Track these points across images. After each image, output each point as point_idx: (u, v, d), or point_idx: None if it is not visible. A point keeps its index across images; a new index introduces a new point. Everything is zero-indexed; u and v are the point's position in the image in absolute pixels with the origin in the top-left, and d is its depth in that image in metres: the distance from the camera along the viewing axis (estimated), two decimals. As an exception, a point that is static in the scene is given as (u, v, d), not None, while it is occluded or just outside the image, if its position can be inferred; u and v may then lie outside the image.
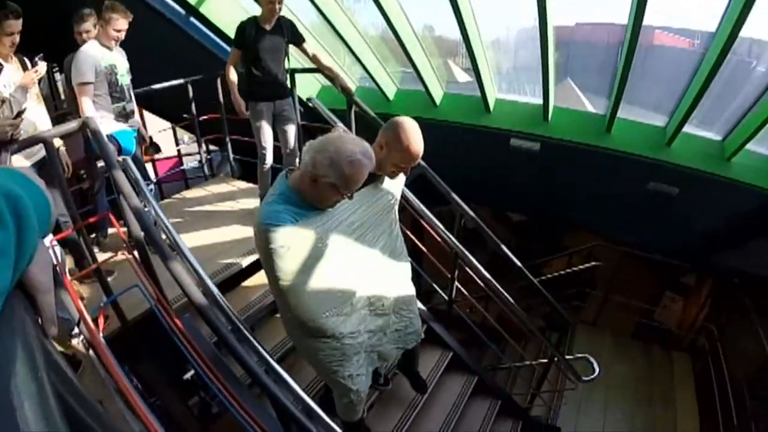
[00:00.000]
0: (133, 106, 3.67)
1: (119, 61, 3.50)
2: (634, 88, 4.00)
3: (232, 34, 3.91)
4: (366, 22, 4.67)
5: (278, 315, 3.51)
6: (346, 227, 2.00)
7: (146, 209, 2.46)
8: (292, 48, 3.88)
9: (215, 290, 2.34)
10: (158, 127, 5.81)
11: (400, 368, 3.13)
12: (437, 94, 5.05)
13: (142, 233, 2.32)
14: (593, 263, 5.92)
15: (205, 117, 4.78)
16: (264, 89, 3.77)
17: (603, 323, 6.76)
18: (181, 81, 4.42)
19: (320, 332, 2.00)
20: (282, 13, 3.68)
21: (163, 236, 2.47)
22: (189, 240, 3.62)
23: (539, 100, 4.50)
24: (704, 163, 4.26)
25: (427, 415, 3.81)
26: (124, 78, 3.54)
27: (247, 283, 3.63)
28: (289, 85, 3.98)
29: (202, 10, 4.79)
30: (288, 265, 1.81)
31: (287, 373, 2.15)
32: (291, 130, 4.01)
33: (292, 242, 1.79)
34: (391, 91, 5.29)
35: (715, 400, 5.38)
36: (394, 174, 2.17)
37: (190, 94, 4.52)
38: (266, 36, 3.66)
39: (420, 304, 4.29)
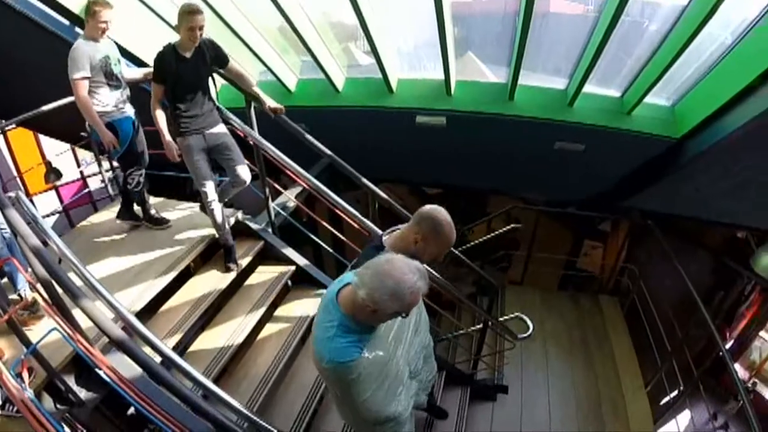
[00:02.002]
0: (128, 92, 3.95)
1: (110, 51, 3.69)
2: (533, 55, 4.27)
3: (118, 41, 3.84)
4: (260, 15, 4.63)
5: (209, 330, 3.64)
6: (398, 326, 2.17)
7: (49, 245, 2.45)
8: None
9: (135, 322, 2.35)
10: (56, 150, 5.52)
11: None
12: (339, 81, 5.15)
13: (47, 273, 2.27)
14: (512, 225, 6.34)
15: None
16: (191, 122, 3.60)
17: (530, 281, 7.27)
18: (72, 98, 4.25)
19: (387, 420, 2.16)
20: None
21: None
22: (102, 268, 3.66)
23: (442, 76, 4.70)
24: (606, 118, 4.69)
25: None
26: (117, 67, 3.75)
27: (171, 302, 3.64)
28: (216, 112, 3.84)
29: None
30: (364, 386, 1.97)
31: (228, 387, 2.27)
32: (236, 159, 3.87)
33: (363, 369, 1.92)
34: (292, 83, 5.33)
35: (647, 333, 6.03)
36: (430, 263, 2.34)
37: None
38: (188, 64, 3.49)
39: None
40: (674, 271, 5.58)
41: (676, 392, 6.04)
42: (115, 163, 4.72)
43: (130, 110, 3.94)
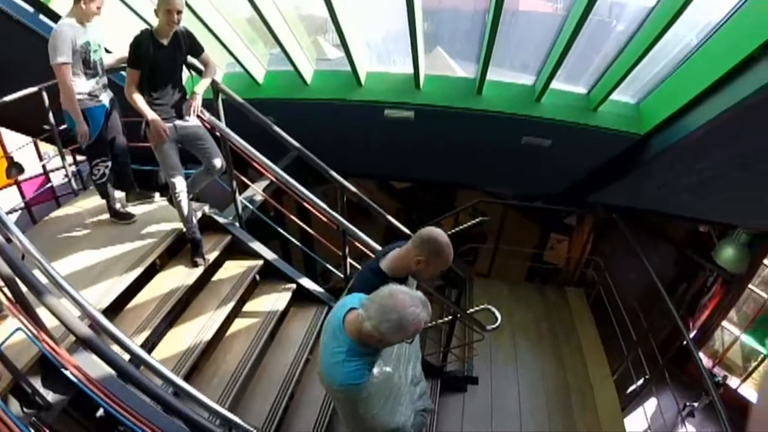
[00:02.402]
0: (105, 80, 3.90)
1: (94, 36, 3.63)
2: (502, 52, 4.37)
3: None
4: (230, 5, 4.60)
5: (177, 326, 3.62)
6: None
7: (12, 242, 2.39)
8: None
9: (102, 319, 2.34)
10: (17, 144, 5.34)
11: None
12: (307, 73, 5.15)
13: (11, 270, 2.22)
14: (480, 219, 6.45)
15: (65, 126, 4.56)
16: (163, 111, 3.55)
17: (497, 273, 7.35)
18: (34, 89, 4.11)
19: (394, 431, 2.23)
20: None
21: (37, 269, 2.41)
22: (67, 265, 3.60)
23: (411, 70, 4.75)
24: (572, 114, 4.83)
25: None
26: (97, 54, 3.68)
27: (138, 299, 3.61)
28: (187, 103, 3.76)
29: (53, 6, 4.49)
30: (374, 403, 2.07)
31: (198, 385, 2.27)
32: (210, 148, 3.84)
33: (373, 387, 2.03)
34: (260, 75, 5.31)
35: (612, 323, 6.24)
36: (430, 280, 2.43)
37: (46, 102, 4.19)
38: (165, 51, 3.46)
39: (317, 286, 4.56)
40: (638, 263, 5.78)
41: (642, 380, 6.26)
42: (80, 157, 4.63)
43: (105, 98, 3.89)
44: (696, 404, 10.64)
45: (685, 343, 5.24)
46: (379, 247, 4.08)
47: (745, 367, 12.29)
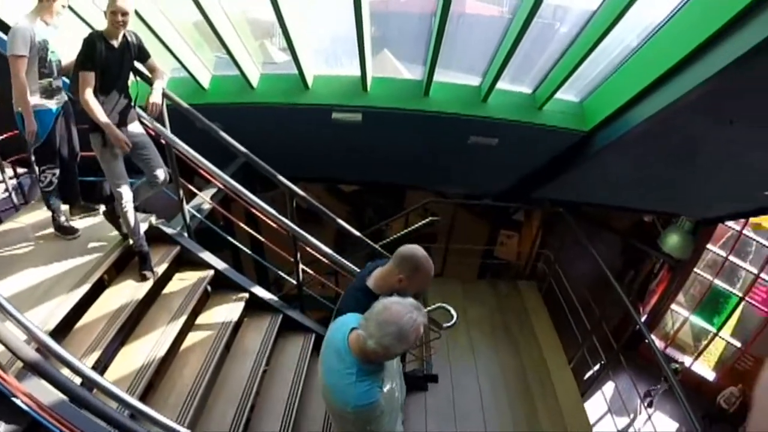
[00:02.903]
0: (59, 82, 3.79)
1: (52, 36, 3.60)
2: (449, 54, 4.45)
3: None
4: (176, 8, 4.50)
5: (129, 344, 3.55)
6: None
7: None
8: None
9: (50, 342, 2.27)
10: None
11: None
12: (254, 77, 5.12)
13: None
14: (429, 219, 6.57)
15: (4, 136, 4.38)
16: (110, 118, 3.41)
17: (450, 272, 7.49)
18: None
19: None
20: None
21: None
22: (9, 285, 3.47)
23: (358, 72, 4.79)
24: (518, 114, 5.01)
25: (309, 401, 4.17)
26: (55, 54, 3.60)
27: (87, 317, 3.50)
28: (133, 109, 3.72)
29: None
30: (384, 419, 2.18)
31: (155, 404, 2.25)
32: (154, 158, 3.79)
33: (384, 404, 2.13)
34: (206, 79, 5.25)
35: (566, 313, 6.54)
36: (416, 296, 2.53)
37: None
38: (115, 54, 3.38)
39: (270, 294, 4.56)
40: (587, 254, 6.06)
41: (598, 366, 6.55)
42: (21, 169, 4.47)
43: (57, 102, 3.77)
44: (657, 387, 11.21)
45: (637, 327, 5.51)
46: (330, 252, 4.15)
47: (696, 346, 13.03)
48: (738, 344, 12.49)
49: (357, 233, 4.79)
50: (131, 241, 3.93)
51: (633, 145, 4.63)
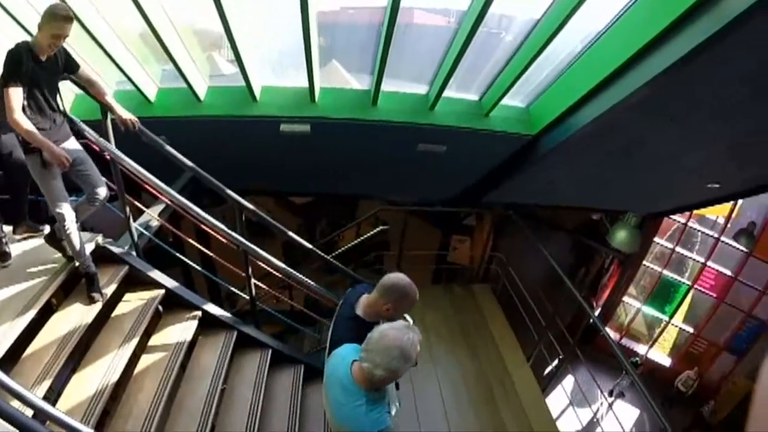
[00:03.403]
0: None
1: None
2: (397, 63, 4.56)
3: None
4: (122, 19, 4.39)
5: (82, 370, 3.49)
6: None
7: None
8: None
9: None
10: None
11: None
12: (201, 90, 5.09)
13: None
14: (380, 228, 6.67)
15: None
16: (44, 135, 3.25)
17: (404, 279, 7.60)
18: None
19: None
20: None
21: None
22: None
23: (306, 83, 4.83)
24: (465, 120, 5.19)
25: (269, 418, 4.21)
26: None
27: (35, 344, 3.39)
28: (67, 125, 3.60)
29: None
30: None
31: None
32: (93, 174, 3.68)
33: (393, 425, 2.36)
34: (152, 92, 5.16)
35: (521, 313, 6.79)
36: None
37: None
38: (44, 69, 3.23)
39: (223, 311, 4.55)
40: (538, 254, 6.30)
41: (556, 361, 6.80)
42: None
43: None
44: (620, 381, 11.76)
45: (591, 321, 5.76)
46: (282, 265, 4.20)
47: (650, 334, 13.73)
48: (690, 330, 13.24)
49: (308, 245, 4.83)
50: (77, 263, 3.84)
51: (579, 147, 4.87)
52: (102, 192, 3.74)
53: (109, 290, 3.94)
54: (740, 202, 11.11)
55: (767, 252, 11.64)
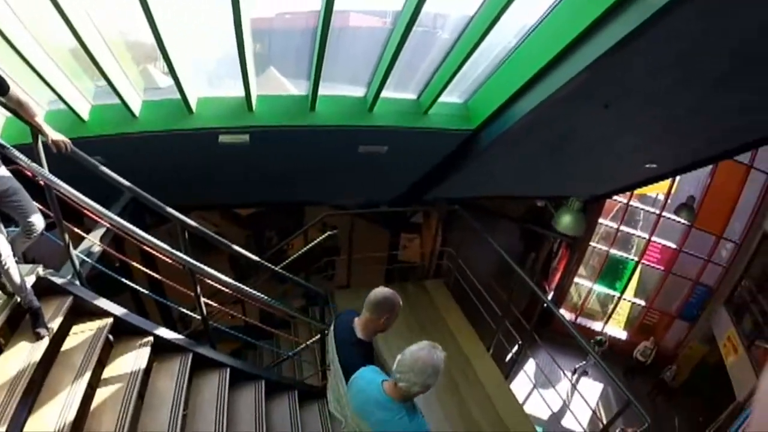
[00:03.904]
0: None
1: None
2: (332, 66, 4.62)
3: None
4: (50, 34, 4.22)
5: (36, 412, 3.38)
6: None
7: None
8: None
9: None
10: None
11: None
12: (136, 105, 4.99)
13: None
14: (328, 233, 6.72)
15: None
16: None
17: (356, 282, 7.75)
18: None
19: None
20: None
21: None
22: None
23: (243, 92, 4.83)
24: (405, 120, 5.33)
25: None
26: None
27: None
28: None
29: None
30: None
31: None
32: (26, 204, 3.53)
33: None
34: (85, 110, 5.01)
35: (476, 304, 7.00)
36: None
37: None
38: None
39: (176, 334, 4.51)
40: (487, 245, 6.48)
41: (516, 347, 7.03)
42: None
43: None
44: (584, 363, 12.25)
45: (545, 305, 6.00)
46: (230, 281, 4.20)
47: (604, 311, 14.39)
48: (642, 303, 13.98)
49: (254, 258, 4.83)
50: (19, 299, 3.70)
51: (518, 138, 5.09)
52: (37, 221, 3.61)
53: (55, 324, 3.82)
54: (678, 178, 11.72)
55: (707, 223, 12.40)
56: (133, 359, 4.11)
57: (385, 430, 2.72)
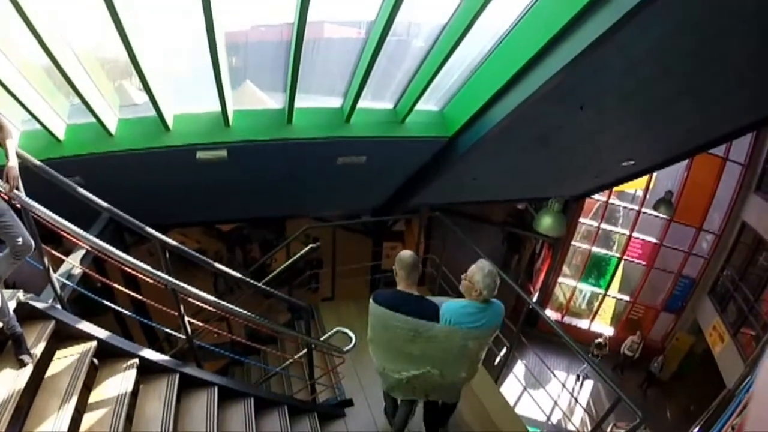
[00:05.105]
0: None
1: None
2: (309, 78, 4.70)
3: None
4: (23, 52, 4.20)
5: None
6: None
7: None
8: None
9: None
10: None
11: None
12: (111, 123, 4.96)
13: None
14: (310, 246, 6.72)
15: None
16: None
17: (341, 294, 7.74)
18: None
19: None
20: None
21: None
22: None
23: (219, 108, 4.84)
24: (382, 129, 5.41)
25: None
26: None
27: None
28: None
29: None
30: None
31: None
32: (14, 224, 3.47)
33: None
34: (60, 130, 4.94)
35: None
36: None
37: None
38: None
39: (161, 355, 4.47)
40: (470, 250, 6.52)
41: (504, 350, 7.08)
42: None
43: None
44: (584, 367, 12.37)
45: (531, 307, 6.05)
46: (212, 298, 4.24)
47: (590, 309, 14.53)
48: (627, 298, 14.15)
49: (236, 275, 4.81)
50: (1, 324, 3.62)
51: (495, 143, 5.18)
52: (26, 242, 3.54)
53: (38, 349, 3.75)
54: (655, 174, 11.94)
55: (686, 216, 12.64)
56: (120, 382, 4.04)
57: (478, 326, 3.96)
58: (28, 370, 3.63)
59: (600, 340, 13.17)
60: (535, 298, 12.85)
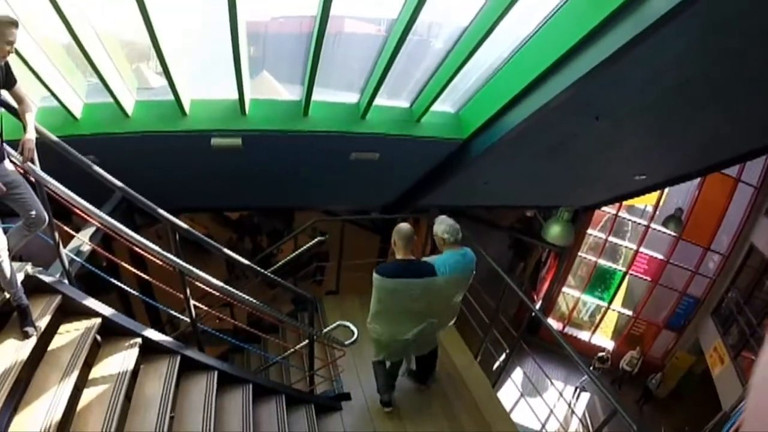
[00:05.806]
0: None
1: None
2: (327, 72, 4.68)
3: None
4: (44, 30, 4.20)
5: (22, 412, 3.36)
6: None
7: None
8: None
9: None
10: None
11: None
12: (128, 104, 4.96)
13: None
14: (318, 239, 6.72)
15: None
16: None
17: (346, 288, 7.73)
18: None
19: None
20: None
21: None
22: None
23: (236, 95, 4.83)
24: (397, 128, 5.39)
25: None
26: None
27: None
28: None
29: None
30: None
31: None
32: (30, 197, 3.50)
33: None
34: (77, 108, 4.95)
35: (464, 311, 6.87)
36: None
37: None
38: None
39: (164, 336, 4.48)
40: (477, 253, 6.50)
41: (504, 356, 7.06)
42: None
43: None
44: (585, 379, 12.32)
45: (533, 314, 6.03)
46: (220, 284, 4.20)
47: (592, 321, 14.44)
48: (629, 312, 14.05)
49: (245, 262, 4.81)
50: (8, 295, 3.63)
51: (509, 149, 5.16)
52: (40, 215, 3.58)
53: (42, 322, 3.75)
54: (666, 190, 11.86)
55: (695, 234, 12.53)
56: (121, 360, 4.06)
57: (466, 269, 4.94)
58: (32, 342, 3.62)
59: (603, 354, 13.11)
60: (538, 306, 12.81)
